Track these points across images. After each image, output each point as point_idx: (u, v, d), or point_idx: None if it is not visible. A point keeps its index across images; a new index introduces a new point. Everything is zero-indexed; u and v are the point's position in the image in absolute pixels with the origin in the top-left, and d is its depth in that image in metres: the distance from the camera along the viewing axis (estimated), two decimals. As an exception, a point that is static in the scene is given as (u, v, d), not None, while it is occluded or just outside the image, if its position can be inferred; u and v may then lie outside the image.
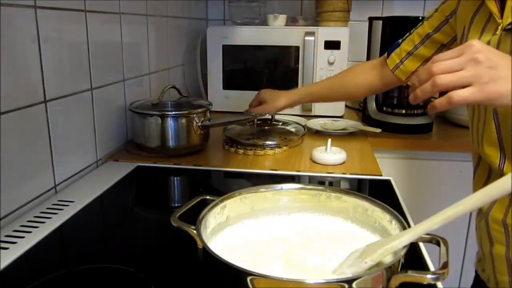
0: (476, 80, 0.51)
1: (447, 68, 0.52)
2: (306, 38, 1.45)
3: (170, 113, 1.06)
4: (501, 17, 0.64)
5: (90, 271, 0.58)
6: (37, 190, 0.80)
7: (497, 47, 0.63)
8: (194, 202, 0.57)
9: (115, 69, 1.08)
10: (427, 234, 0.46)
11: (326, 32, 1.46)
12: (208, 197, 0.58)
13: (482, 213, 0.73)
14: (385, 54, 1.00)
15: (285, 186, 0.61)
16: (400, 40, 0.97)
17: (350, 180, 0.94)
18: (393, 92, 1.45)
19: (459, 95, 0.51)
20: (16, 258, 0.61)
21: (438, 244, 0.46)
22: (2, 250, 0.62)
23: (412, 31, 0.94)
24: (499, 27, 0.63)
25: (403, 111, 1.42)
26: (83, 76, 0.93)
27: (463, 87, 0.52)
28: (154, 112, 1.03)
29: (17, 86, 0.73)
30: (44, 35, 0.78)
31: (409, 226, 0.49)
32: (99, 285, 0.56)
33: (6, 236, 0.66)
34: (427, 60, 0.91)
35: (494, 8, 0.65)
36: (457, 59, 0.52)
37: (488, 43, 0.65)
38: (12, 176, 0.72)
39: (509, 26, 0.61)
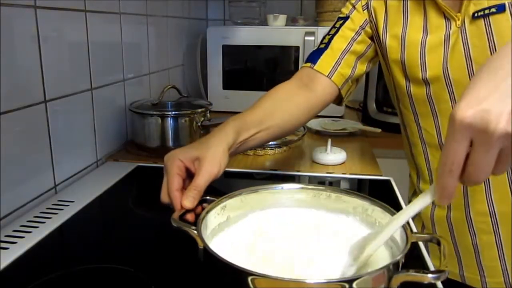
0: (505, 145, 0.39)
1: (491, 167, 0.40)
2: (306, 38, 1.45)
3: (170, 113, 1.06)
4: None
5: (90, 271, 0.58)
6: (37, 190, 0.80)
7: (466, 37, 0.67)
8: None
9: (115, 69, 1.08)
10: (428, 233, 0.46)
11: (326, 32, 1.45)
12: (208, 197, 0.58)
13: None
14: (308, 65, 0.82)
15: (286, 186, 0.61)
16: (321, 45, 0.83)
17: (350, 180, 0.94)
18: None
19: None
20: (16, 258, 0.60)
21: (439, 243, 0.46)
22: (2, 250, 0.62)
23: (333, 31, 0.83)
24: (458, 20, 0.68)
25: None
26: (83, 76, 0.93)
27: None
28: (154, 112, 1.03)
29: (17, 86, 0.73)
30: (44, 35, 0.78)
31: (409, 226, 0.49)
32: (99, 285, 0.56)
33: (6, 236, 0.66)
34: (360, 56, 0.82)
35: (444, 5, 0.69)
36: (488, 154, 0.39)
37: (447, 37, 0.69)
38: (12, 176, 0.72)
39: (481, 13, 0.65)
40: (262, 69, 1.56)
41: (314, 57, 0.82)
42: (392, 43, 0.76)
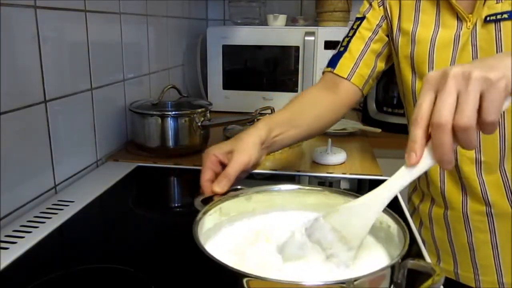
0: (485, 88, 0.41)
1: (450, 107, 0.42)
2: (306, 38, 1.45)
3: (170, 113, 1.05)
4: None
5: (90, 271, 0.58)
6: (37, 190, 0.80)
7: (475, 39, 0.69)
8: None
9: (115, 69, 1.08)
10: (427, 263, 0.45)
11: (326, 32, 1.46)
12: (239, 186, 0.59)
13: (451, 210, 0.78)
14: (328, 69, 0.84)
15: (308, 187, 0.60)
16: (341, 48, 0.84)
17: (350, 180, 0.94)
18: (393, 92, 1.45)
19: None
20: (16, 258, 0.60)
21: (433, 271, 0.45)
22: (2, 250, 0.62)
23: (351, 33, 0.84)
24: (469, 22, 0.69)
25: (403, 111, 1.41)
26: (83, 76, 0.93)
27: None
28: (154, 112, 1.03)
29: (17, 86, 0.73)
30: (44, 35, 0.78)
31: (409, 229, 0.48)
32: (99, 285, 0.56)
33: (6, 236, 0.66)
34: (379, 54, 0.83)
35: (458, 5, 0.70)
36: (443, 94, 0.42)
37: (457, 37, 0.70)
38: (12, 176, 0.72)
39: (493, 17, 0.66)
40: (262, 69, 1.56)
41: (334, 61, 0.84)
42: (403, 39, 0.77)
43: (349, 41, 0.84)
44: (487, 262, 0.77)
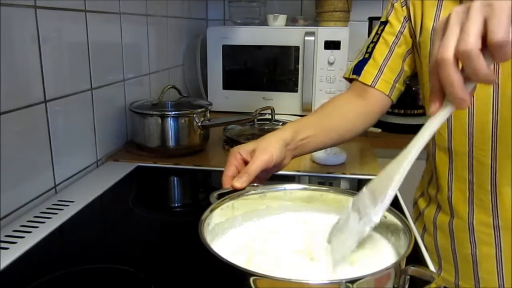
0: (488, 11, 0.41)
1: (452, 40, 0.42)
2: (306, 38, 1.45)
3: (170, 113, 1.06)
4: None
5: (90, 271, 0.58)
6: (37, 190, 0.80)
7: None
8: None
9: (115, 69, 1.08)
10: (428, 270, 0.44)
11: (326, 32, 1.46)
12: (256, 184, 0.59)
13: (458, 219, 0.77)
14: (354, 76, 0.83)
15: (313, 186, 0.60)
16: (366, 55, 0.83)
17: (350, 180, 0.94)
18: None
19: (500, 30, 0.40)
20: (16, 258, 0.61)
21: (431, 280, 0.44)
22: (2, 250, 0.62)
23: (375, 38, 0.83)
24: None
25: (403, 111, 1.42)
26: (83, 76, 0.93)
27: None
28: (154, 112, 1.03)
29: (17, 86, 0.73)
30: (44, 35, 0.78)
31: (409, 228, 0.48)
32: (99, 285, 0.56)
33: (6, 236, 0.66)
34: (404, 58, 0.81)
35: None
36: (449, 24, 0.43)
37: None
38: (12, 176, 0.72)
39: None
40: (262, 69, 1.56)
41: (359, 68, 0.83)
42: (424, 38, 0.75)
43: (373, 47, 0.82)
44: (489, 276, 0.74)
